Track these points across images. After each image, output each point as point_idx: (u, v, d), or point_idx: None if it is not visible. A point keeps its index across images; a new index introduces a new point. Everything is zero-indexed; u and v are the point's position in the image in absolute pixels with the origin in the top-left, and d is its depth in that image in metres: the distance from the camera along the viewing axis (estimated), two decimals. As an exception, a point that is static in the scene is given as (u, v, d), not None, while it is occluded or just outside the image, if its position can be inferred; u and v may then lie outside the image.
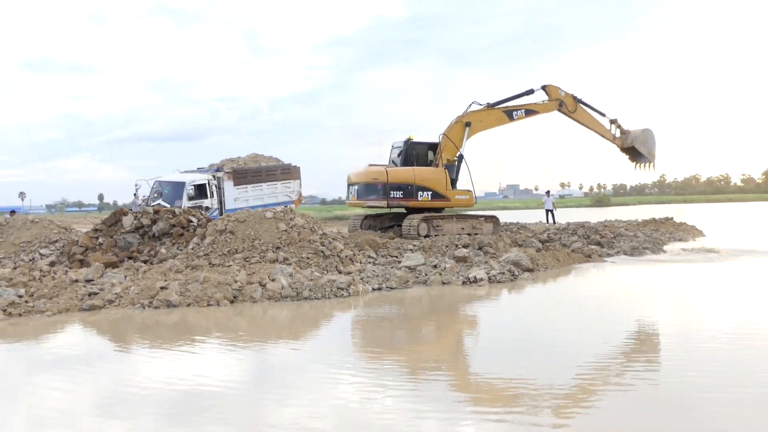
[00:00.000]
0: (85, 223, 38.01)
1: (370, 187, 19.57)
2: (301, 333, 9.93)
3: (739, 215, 49.48)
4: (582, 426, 5.46)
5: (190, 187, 23.49)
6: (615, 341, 8.61)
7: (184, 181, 23.61)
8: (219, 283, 12.07)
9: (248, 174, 25.36)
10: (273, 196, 25.59)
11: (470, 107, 20.62)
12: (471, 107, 20.63)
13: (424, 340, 9.51)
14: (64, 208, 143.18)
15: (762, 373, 6.86)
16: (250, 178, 25.30)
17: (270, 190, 25.73)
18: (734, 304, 11.22)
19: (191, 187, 23.51)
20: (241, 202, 24.06)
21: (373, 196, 19.58)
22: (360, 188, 19.82)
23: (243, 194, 24.79)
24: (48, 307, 11.31)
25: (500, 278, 14.15)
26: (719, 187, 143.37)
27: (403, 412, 5.86)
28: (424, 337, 9.63)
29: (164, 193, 23.40)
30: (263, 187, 25.54)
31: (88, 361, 8.19)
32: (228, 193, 24.40)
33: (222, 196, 24.30)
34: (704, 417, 5.59)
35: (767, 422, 5.46)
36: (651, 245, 20.99)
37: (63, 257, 15.09)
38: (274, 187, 25.77)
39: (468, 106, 20.65)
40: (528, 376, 6.91)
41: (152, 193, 23.62)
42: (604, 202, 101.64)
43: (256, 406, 6.18)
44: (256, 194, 25.17)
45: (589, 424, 5.51)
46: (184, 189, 23.32)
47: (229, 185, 24.38)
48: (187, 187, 23.39)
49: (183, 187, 23.39)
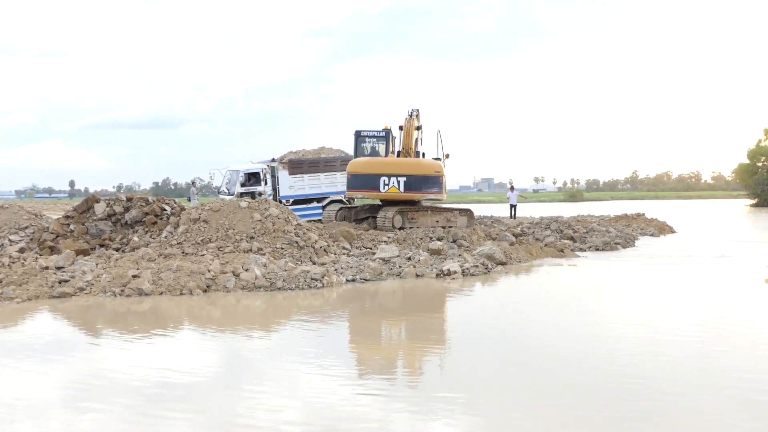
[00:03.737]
0: (55, 209, 37.44)
1: (431, 180, 19.36)
2: (273, 323, 9.92)
3: (709, 212, 50.30)
4: (560, 417, 5.54)
5: (242, 175, 26.28)
6: (581, 334, 8.74)
7: (238, 170, 26.67)
8: (192, 272, 12.00)
9: (304, 164, 27.19)
10: (332, 185, 26.98)
11: (415, 112, 20.70)
12: (415, 113, 20.72)
13: (396, 332, 9.56)
14: (34, 194, 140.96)
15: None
16: (306, 168, 27.11)
17: (328, 180, 27.19)
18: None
19: (243, 175, 26.28)
20: (296, 190, 26.78)
21: (434, 189, 19.43)
22: (411, 180, 19.32)
23: (299, 183, 26.87)
24: (17, 294, 11.16)
25: (474, 271, 14.25)
26: (690, 184, 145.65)
27: (375, 404, 5.90)
28: (396, 328, 9.68)
29: (230, 180, 26.72)
30: (321, 177, 27.17)
31: (57, 349, 8.10)
32: (283, 181, 26.57)
33: (276, 183, 26.56)
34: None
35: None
36: (623, 240, 21.31)
37: (33, 244, 14.87)
38: (333, 177, 27.04)
39: (414, 111, 20.73)
40: (496, 372, 6.98)
41: (224, 181, 27.03)
42: (577, 197, 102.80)
43: (227, 397, 6.18)
44: (313, 183, 27.07)
45: (565, 415, 5.60)
46: (238, 176, 26.39)
47: (284, 174, 26.62)
48: (240, 174, 26.25)
49: (238, 174, 26.47)
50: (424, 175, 19.36)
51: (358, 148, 21.04)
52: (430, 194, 19.49)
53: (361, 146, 20.99)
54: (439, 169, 19.39)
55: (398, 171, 19.32)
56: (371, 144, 20.93)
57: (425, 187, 19.33)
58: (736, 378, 6.59)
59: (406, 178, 19.29)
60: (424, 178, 19.34)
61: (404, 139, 20.41)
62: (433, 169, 19.42)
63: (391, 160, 19.79)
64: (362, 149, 20.91)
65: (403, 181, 19.26)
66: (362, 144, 20.99)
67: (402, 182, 19.25)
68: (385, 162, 19.74)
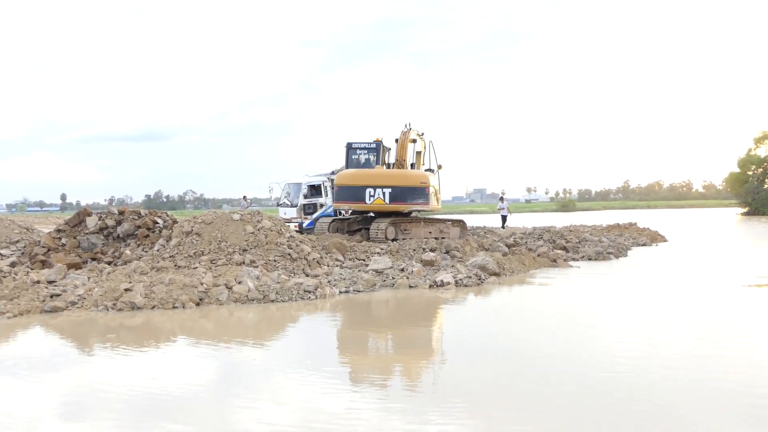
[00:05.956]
0: (47, 223, 37.33)
1: (417, 191, 19.43)
2: (267, 335, 9.89)
3: (700, 221, 50.53)
4: (553, 423, 5.54)
5: (305, 188, 27.59)
6: (575, 344, 8.75)
7: (300, 183, 28.02)
8: (185, 285, 11.96)
9: None
10: None
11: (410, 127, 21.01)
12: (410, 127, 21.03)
13: (390, 342, 9.55)
14: (25, 207, 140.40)
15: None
16: None
17: None
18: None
19: (306, 188, 27.59)
20: None
21: (420, 200, 19.50)
22: (396, 192, 19.37)
23: None
24: (8, 308, 11.08)
25: (467, 282, 14.26)
26: (681, 193, 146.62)
27: (370, 413, 5.89)
28: (389, 340, 9.67)
29: (290, 193, 28.30)
30: None
31: (48, 364, 8.04)
32: None
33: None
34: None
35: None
36: (615, 250, 21.38)
37: (24, 258, 14.79)
38: None
39: (407, 125, 21.06)
40: (491, 378, 6.98)
41: (283, 194, 28.59)
42: (570, 207, 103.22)
43: (222, 410, 6.15)
44: None
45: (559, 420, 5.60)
46: (300, 189, 27.77)
47: None
48: (303, 187, 27.62)
49: (300, 187, 27.86)
50: (410, 186, 19.47)
51: (349, 160, 21.11)
52: (416, 205, 19.57)
53: (352, 158, 21.06)
54: (425, 180, 19.47)
55: (383, 182, 19.44)
56: (362, 156, 20.99)
57: (411, 198, 19.41)
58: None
59: (391, 189, 19.39)
60: (409, 189, 19.42)
61: (398, 151, 20.53)
62: (419, 180, 19.50)
63: (377, 171, 19.90)
64: (353, 161, 20.98)
65: (388, 193, 19.36)
66: (353, 156, 21.06)
67: (387, 193, 19.35)
68: (371, 174, 19.86)
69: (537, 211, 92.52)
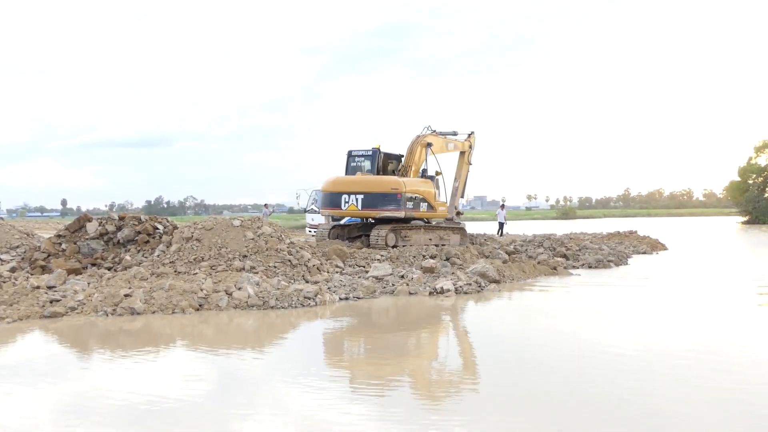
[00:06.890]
0: (47, 228, 37.33)
1: (388, 197, 19.39)
2: (266, 342, 9.88)
3: (700, 229, 50.53)
4: None
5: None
6: (576, 351, 8.74)
7: None
8: (184, 291, 11.96)
9: None
10: None
11: (426, 130, 21.36)
12: (426, 131, 21.35)
13: (390, 349, 9.53)
14: (26, 213, 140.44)
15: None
16: None
17: None
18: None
19: None
20: None
21: (391, 207, 19.43)
22: (367, 198, 19.41)
23: None
24: (8, 313, 11.08)
25: (467, 289, 14.25)
26: (682, 202, 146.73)
27: (370, 420, 5.88)
28: (389, 347, 9.65)
29: (317, 200, 27.80)
30: None
31: (48, 369, 8.03)
32: None
33: None
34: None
35: None
36: (615, 258, 21.38)
37: (24, 263, 14.79)
38: None
39: (425, 128, 21.45)
40: (494, 383, 6.97)
41: (310, 200, 28.73)
42: (570, 215, 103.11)
43: (220, 417, 6.13)
44: None
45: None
46: None
47: None
48: None
49: None
50: (381, 192, 19.46)
51: (348, 167, 21.13)
52: (386, 211, 19.47)
53: (351, 165, 21.09)
54: (396, 186, 19.43)
55: (357, 189, 19.56)
56: (360, 163, 21.01)
57: (381, 204, 19.37)
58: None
59: (363, 195, 19.48)
60: (381, 195, 19.42)
61: (406, 157, 20.70)
62: (390, 186, 19.47)
63: (354, 178, 20.08)
64: (352, 168, 21.01)
65: (360, 199, 19.46)
66: (352, 163, 21.09)
67: (360, 200, 19.45)
68: (348, 180, 20.01)
69: (537, 219, 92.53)
